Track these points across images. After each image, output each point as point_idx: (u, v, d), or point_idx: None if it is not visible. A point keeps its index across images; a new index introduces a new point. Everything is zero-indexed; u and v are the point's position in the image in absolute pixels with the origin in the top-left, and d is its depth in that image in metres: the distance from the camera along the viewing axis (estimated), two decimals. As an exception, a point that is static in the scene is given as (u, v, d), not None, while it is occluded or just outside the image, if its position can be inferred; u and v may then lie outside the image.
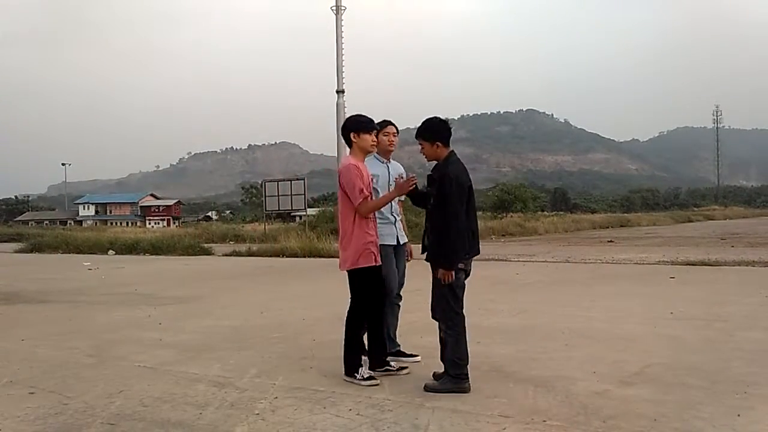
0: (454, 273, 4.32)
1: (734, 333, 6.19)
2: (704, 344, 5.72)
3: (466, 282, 4.54)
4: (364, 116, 4.82)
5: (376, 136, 4.84)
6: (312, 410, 4.00)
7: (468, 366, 4.36)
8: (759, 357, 5.21)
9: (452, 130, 4.66)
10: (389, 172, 5.12)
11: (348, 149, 4.91)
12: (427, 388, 4.33)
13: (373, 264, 4.68)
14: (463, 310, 4.46)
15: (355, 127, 4.73)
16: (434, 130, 4.49)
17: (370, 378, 4.56)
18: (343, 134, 4.82)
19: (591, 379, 4.56)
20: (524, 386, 4.42)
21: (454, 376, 4.30)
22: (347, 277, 4.79)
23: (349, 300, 4.81)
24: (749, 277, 11.11)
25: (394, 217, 5.12)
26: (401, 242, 5.15)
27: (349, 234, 4.68)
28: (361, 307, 4.74)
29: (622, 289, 9.90)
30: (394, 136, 5.08)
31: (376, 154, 5.09)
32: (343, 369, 4.69)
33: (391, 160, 5.21)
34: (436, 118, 4.57)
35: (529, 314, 7.50)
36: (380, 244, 4.87)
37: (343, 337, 4.75)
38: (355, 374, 4.59)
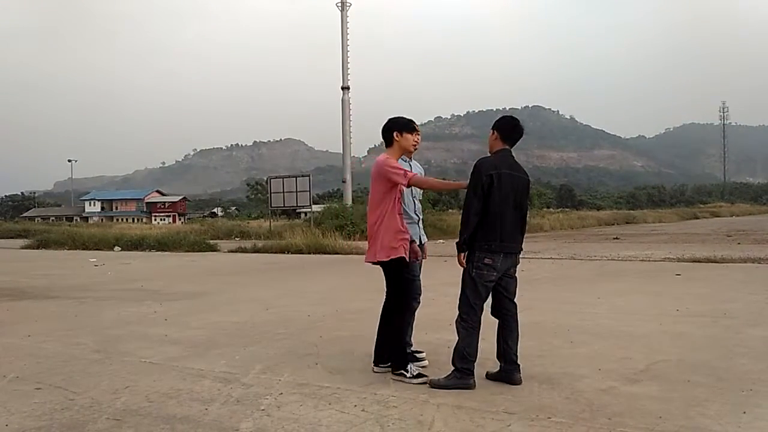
0: (474, 265, 4.36)
1: (740, 330, 6.17)
2: (710, 341, 5.71)
3: (514, 284, 4.64)
4: (405, 117, 4.94)
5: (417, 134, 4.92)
6: (317, 406, 4.01)
7: (475, 363, 4.36)
8: (765, 354, 5.20)
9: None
10: (411, 171, 5.12)
11: (383, 149, 4.98)
12: (433, 384, 4.33)
13: (404, 256, 4.67)
14: (482, 309, 4.46)
15: (399, 126, 4.83)
16: (498, 121, 4.67)
17: (419, 375, 4.52)
18: (385, 134, 4.87)
19: (596, 376, 4.56)
20: (529, 383, 4.42)
21: (460, 369, 4.31)
22: (382, 269, 4.74)
23: (385, 294, 4.78)
24: (755, 274, 11.08)
25: (418, 216, 5.12)
26: (422, 242, 5.15)
27: (383, 226, 4.65)
28: (402, 297, 4.71)
29: (627, 286, 9.89)
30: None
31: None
32: (391, 366, 4.66)
33: (412, 158, 5.21)
34: (513, 117, 4.72)
35: (535, 311, 7.48)
36: None
37: (381, 331, 4.76)
38: (404, 372, 4.55)
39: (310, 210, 31.17)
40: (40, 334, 6.78)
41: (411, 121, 4.92)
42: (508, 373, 4.46)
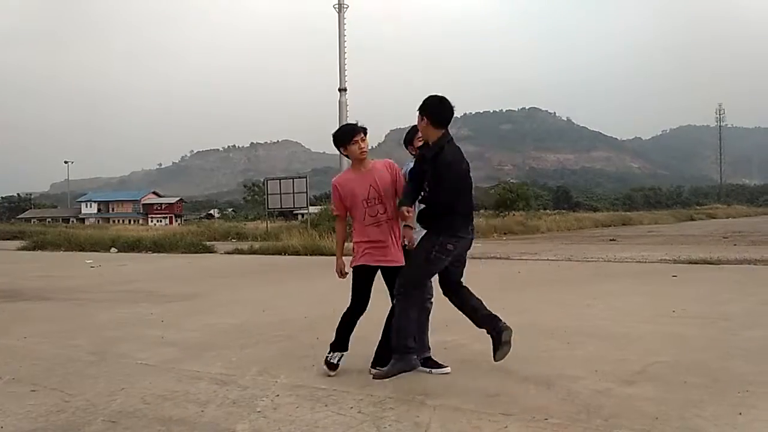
0: (440, 247, 4.36)
1: (736, 331, 6.18)
2: (706, 343, 5.71)
3: (462, 268, 4.64)
4: (345, 126, 4.90)
5: (363, 139, 4.76)
6: (313, 408, 4.00)
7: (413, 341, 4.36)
8: (761, 355, 5.20)
9: (452, 119, 4.55)
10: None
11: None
12: (376, 377, 4.31)
13: (360, 263, 4.75)
14: (430, 291, 4.59)
15: (338, 142, 4.81)
16: (424, 104, 4.45)
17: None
18: (339, 151, 4.89)
19: (593, 378, 4.56)
20: (526, 384, 4.42)
21: (396, 346, 4.24)
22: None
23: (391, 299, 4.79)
24: (751, 275, 11.09)
25: None
26: None
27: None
28: (352, 303, 4.86)
29: (624, 287, 9.90)
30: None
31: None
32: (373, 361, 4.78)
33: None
34: (435, 96, 4.49)
35: (531, 312, 7.48)
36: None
37: (386, 334, 4.77)
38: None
39: (307, 211, 31.14)
40: (35, 335, 6.76)
41: (346, 132, 4.80)
42: (496, 332, 4.47)
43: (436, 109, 4.38)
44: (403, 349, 4.24)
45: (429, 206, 4.42)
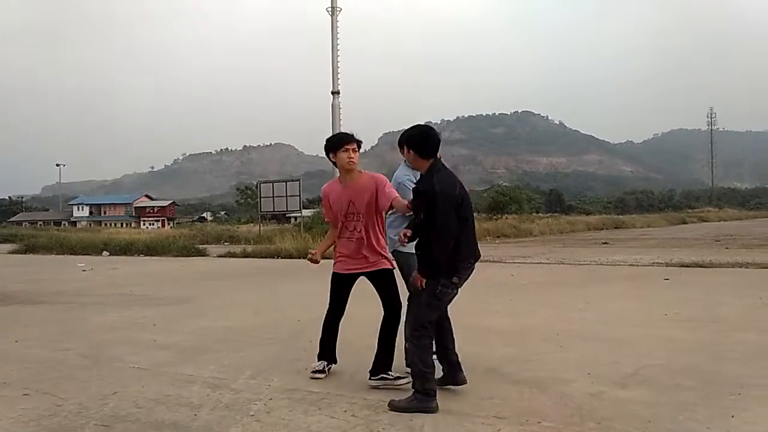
0: (439, 284, 4.09)
1: (728, 334, 6.21)
2: (698, 345, 5.74)
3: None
4: (340, 133, 4.99)
5: (355, 150, 4.75)
6: (307, 411, 4.00)
7: (436, 384, 4.09)
8: (753, 358, 5.23)
9: (441, 134, 4.40)
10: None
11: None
12: (392, 406, 4.01)
13: (334, 271, 4.92)
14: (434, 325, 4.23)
15: (329, 148, 4.83)
16: (406, 136, 4.34)
17: (400, 377, 4.57)
18: (329, 158, 4.87)
19: (585, 381, 4.57)
20: (519, 387, 4.43)
21: (421, 391, 4.00)
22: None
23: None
24: (743, 278, 11.14)
25: None
26: None
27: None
28: (328, 309, 5.02)
29: (616, 290, 9.93)
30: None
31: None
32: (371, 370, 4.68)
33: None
34: (416, 127, 4.38)
35: (524, 316, 7.50)
36: (408, 252, 4.64)
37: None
38: (386, 375, 4.62)
39: (300, 215, 31.12)
40: (27, 339, 6.73)
41: (340, 138, 4.81)
42: (452, 374, 4.37)
43: (419, 143, 4.25)
44: (424, 392, 3.99)
45: (429, 241, 4.10)
